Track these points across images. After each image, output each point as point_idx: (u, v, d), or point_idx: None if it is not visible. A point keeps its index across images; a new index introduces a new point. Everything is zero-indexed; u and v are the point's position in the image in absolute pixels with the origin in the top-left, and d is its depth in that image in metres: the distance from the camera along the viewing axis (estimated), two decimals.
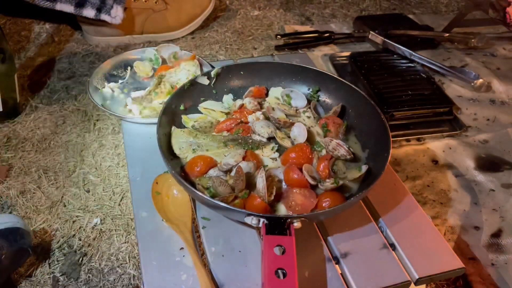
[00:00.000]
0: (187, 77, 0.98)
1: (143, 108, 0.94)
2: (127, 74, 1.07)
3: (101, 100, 0.97)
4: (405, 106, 1.02)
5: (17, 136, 0.99)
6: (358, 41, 1.35)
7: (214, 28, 1.41)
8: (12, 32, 1.35)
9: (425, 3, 1.63)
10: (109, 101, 0.99)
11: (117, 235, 0.80)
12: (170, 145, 0.78)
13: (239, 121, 0.84)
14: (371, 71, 1.13)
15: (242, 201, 0.69)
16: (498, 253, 0.78)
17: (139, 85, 1.04)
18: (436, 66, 1.16)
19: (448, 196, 0.88)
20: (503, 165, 0.96)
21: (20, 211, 0.83)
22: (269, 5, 1.56)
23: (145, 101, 0.95)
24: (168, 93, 0.96)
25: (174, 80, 0.98)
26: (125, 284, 0.73)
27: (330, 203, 0.69)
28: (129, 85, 1.04)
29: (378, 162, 0.74)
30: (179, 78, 0.98)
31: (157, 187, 0.77)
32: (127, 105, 0.96)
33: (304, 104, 0.89)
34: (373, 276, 0.66)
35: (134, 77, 1.06)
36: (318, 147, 0.80)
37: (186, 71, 0.99)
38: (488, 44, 1.33)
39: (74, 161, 0.93)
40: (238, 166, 0.71)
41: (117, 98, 1.00)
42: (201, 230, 0.72)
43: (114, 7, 1.19)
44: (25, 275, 0.74)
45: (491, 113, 1.09)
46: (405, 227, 0.73)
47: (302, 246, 0.68)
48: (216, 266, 0.66)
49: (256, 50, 1.31)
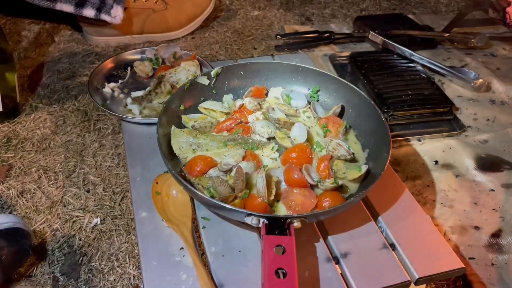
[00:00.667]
0: (187, 77, 0.98)
1: (143, 108, 0.94)
2: (127, 74, 1.07)
3: (101, 100, 0.98)
4: (405, 106, 1.02)
5: (17, 136, 0.99)
6: (358, 41, 1.35)
7: (214, 28, 1.41)
8: (12, 32, 1.34)
9: (425, 3, 1.63)
10: (109, 101, 0.99)
11: (117, 235, 0.80)
12: (170, 145, 0.78)
13: (239, 121, 0.84)
14: (371, 71, 1.13)
15: (242, 201, 0.69)
16: (498, 253, 0.78)
17: (139, 85, 1.04)
18: (436, 66, 1.16)
19: (448, 196, 0.88)
20: (503, 165, 0.96)
21: (20, 211, 0.83)
22: (269, 5, 1.56)
23: (145, 101, 0.96)
24: (168, 93, 0.96)
25: (174, 80, 0.98)
26: (125, 284, 0.73)
27: (330, 203, 0.69)
28: (129, 85, 1.04)
29: (378, 162, 0.74)
30: (179, 78, 0.98)
31: (157, 187, 0.77)
32: (127, 105, 0.96)
33: (304, 104, 0.89)
34: (373, 276, 0.66)
35: (134, 77, 1.07)
36: (318, 147, 0.80)
37: (186, 71, 0.99)
38: (488, 44, 1.33)
39: (74, 161, 0.93)
40: (238, 166, 0.71)
41: (117, 98, 1.00)
42: (201, 230, 0.72)
43: (114, 7, 1.19)
44: (25, 275, 0.74)
45: (491, 113, 1.10)
46: (405, 227, 0.73)
47: (302, 246, 0.68)
48: (216, 266, 0.66)
49: (256, 50, 1.31)
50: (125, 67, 1.08)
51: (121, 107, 0.97)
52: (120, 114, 0.92)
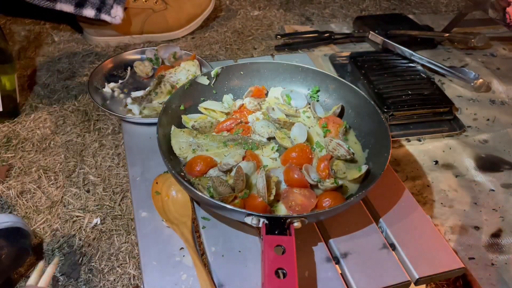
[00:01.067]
0: (187, 77, 0.98)
1: (143, 108, 0.94)
2: (127, 74, 1.07)
3: (101, 100, 0.98)
4: (405, 106, 1.02)
5: (17, 136, 0.99)
6: (358, 41, 1.35)
7: (214, 28, 1.41)
8: (12, 32, 1.34)
9: (425, 3, 1.63)
10: (109, 101, 0.99)
11: (117, 235, 0.80)
12: (170, 145, 0.78)
13: (239, 121, 0.84)
14: (371, 71, 1.13)
15: (242, 201, 0.69)
16: (498, 253, 0.78)
17: (139, 85, 1.04)
18: (436, 66, 1.16)
19: (448, 196, 0.88)
20: (503, 165, 0.96)
21: (20, 211, 0.83)
22: (269, 5, 1.56)
23: (145, 101, 0.96)
24: (168, 93, 0.96)
25: (174, 80, 0.98)
26: (125, 284, 0.73)
27: (330, 203, 0.69)
28: (129, 85, 1.04)
29: (378, 162, 0.74)
30: (179, 78, 0.98)
31: (157, 187, 0.77)
32: (127, 105, 0.96)
33: (304, 104, 0.89)
34: (373, 276, 0.66)
35: (134, 77, 1.07)
36: (318, 147, 0.80)
37: (186, 71, 0.99)
38: (488, 44, 1.33)
39: (74, 161, 0.93)
40: (238, 166, 0.71)
41: (117, 98, 1.00)
42: (201, 230, 0.72)
43: (114, 7, 1.19)
44: (25, 275, 0.74)
45: (491, 113, 1.09)
46: (405, 227, 0.73)
47: (302, 246, 0.68)
48: (216, 266, 0.66)
49: (256, 50, 1.31)
50: (125, 67, 1.08)
51: (121, 107, 0.97)
52: (120, 114, 0.92)
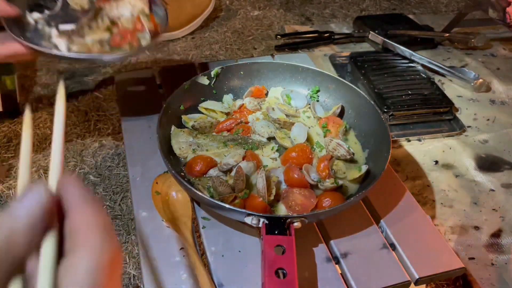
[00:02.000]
0: (131, 13, 0.83)
1: (72, 43, 0.78)
2: (58, 4, 0.86)
3: (19, 31, 0.76)
4: (405, 106, 1.02)
5: (17, 136, 0.99)
6: (358, 41, 1.34)
7: (214, 28, 1.41)
8: None
9: (425, 3, 1.63)
10: (29, 34, 0.80)
11: (117, 235, 0.80)
12: (170, 145, 0.78)
13: (239, 121, 0.84)
14: (371, 71, 1.13)
15: (242, 201, 0.69)
16: (498, 253, 0.78)
17: (71, 20, 0.84)
18: (436, 66, 1.16)
19: (448, 196, 0.88)
20: (503, 165, 0.96)
21: None
22: (269, 5, 1.56)
23: (75, 36, 0.79)
24: (107, 29, 0.81)
25: (114, 15, 0.83)
26: (125, 284, 0.73)
27: (330, 203, 0.69)
28: (58, 18, 0.84)
29: (378, 162, 0.74)
30: (122, 14, 0.83)
31: (157, 187, 0.77)
32: (51, 38, 0.80)
33: (304, 104, 0.89)
34: (373, 276, 0.66)
35: (66, 10, 0.86)
36: (318, 147, 0.80)
37: (131, 6, 0.83)
38: (488, 44, 1.33)
39: (74, 161, 0.93)
40: (238, 166, 0.71)
41: (40, 31, 0.81)
42: (201, 230, 0.72)
43: None
44: None
45: (491, 113, 1.09)
46: (405, 227, 0.73)
47: (302, 246, 0.68)
48: (216, 266, 0.66)
49: (256, 50, 1.31)
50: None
51: (44, 42, 0.79)
52: (41, 49, 0.73)
